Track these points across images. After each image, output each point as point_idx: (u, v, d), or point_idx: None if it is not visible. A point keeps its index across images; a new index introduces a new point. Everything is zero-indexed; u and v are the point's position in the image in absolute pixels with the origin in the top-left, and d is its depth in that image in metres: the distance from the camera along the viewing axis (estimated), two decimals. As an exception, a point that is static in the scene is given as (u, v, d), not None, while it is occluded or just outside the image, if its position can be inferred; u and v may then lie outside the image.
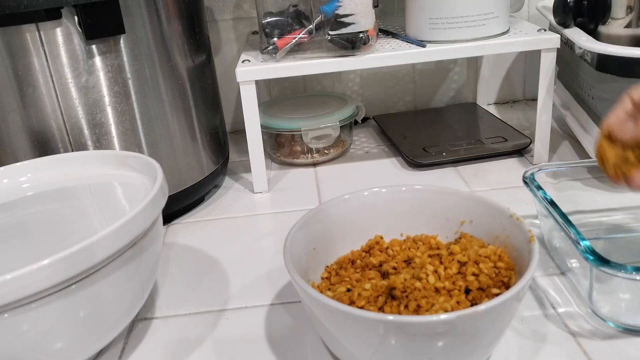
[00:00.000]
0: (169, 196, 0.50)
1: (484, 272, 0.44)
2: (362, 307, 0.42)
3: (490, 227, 0.49)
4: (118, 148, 0.63)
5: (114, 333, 0.46)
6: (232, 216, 0.71)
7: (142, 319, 0.53)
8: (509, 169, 0.77)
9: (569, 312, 0.49)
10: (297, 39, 0.70)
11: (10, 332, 0.38)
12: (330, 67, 0.71)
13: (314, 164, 0.84)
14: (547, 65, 0.72)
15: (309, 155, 0.84)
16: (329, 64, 0.71)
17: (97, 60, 0.60)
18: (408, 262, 0.49)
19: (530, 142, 0.80)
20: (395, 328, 0.37)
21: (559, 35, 0.71)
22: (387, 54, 0.72)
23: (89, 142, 0.62)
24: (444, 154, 0.80)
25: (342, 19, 0.69)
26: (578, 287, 0.50)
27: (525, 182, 0.56)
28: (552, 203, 0.51)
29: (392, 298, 0.43)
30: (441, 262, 0.47)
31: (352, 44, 0.70)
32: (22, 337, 0.39)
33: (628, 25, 0.66)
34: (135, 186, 0.52)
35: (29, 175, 0.57)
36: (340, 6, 0.68)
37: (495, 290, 0.43)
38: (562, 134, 0.86)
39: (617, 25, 0.67)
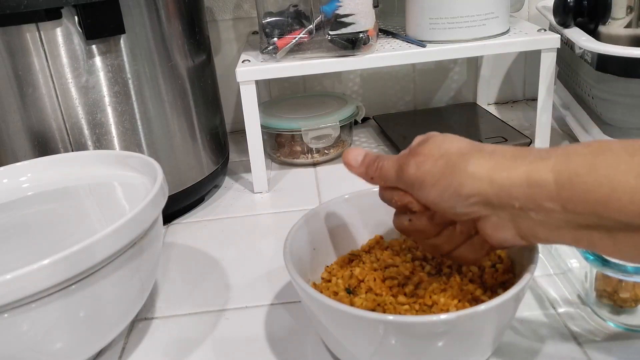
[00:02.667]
0: (169, 196, 0.50)
1: (485, 272, 0.44)
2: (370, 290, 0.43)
3: None
4: (118, 148, 0.63)
5: (114, 333, 0.46)
6: (232, 216, 0.71)
7: (142, 319, 0.53)
8: (509, 169, 0.76)
9: (569, 312, 0.49)
10: (297, 39, 0.70)
11: (10, 332, 0.38)
12: (330, 67, 0.71)
13: (314, 164, 0.84)
14: (547, 65, 0.72)
15: (309, 155, 0.84)
16: (329, 64, 0.71)
17: (97, 60, 0.60)
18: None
19: (531, 142, 0.80)
20: (395, 328, 0.37)
21: (559, 35, 0.71)
22: (387, 54, 0.72)
23: (89, 142, 0.62)
24: (444, 154, 0.80)
25: (342, 19, 0.69)
26: (578, 287, 0.50)
27: None
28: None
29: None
30: (441, 263, 0.47)
31: (352, 44, 0.70)
32: (22, 337, 0.39)
33: (628, 26, 0.66)
34: (135, 186, 0.52)
35: (29, 175, 0.57)
36: (341, 6, 0.68)
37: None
38: (562, 134, 0.86)
39: (617, 25, 0.67)
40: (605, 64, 0.65)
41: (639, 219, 0.31)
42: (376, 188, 0.53)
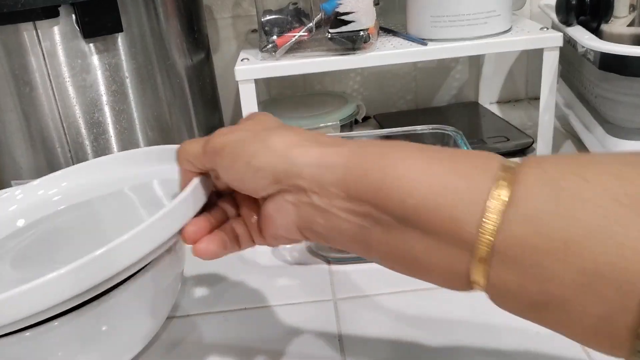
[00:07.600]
0: (167, 196, 0.49)
1: None
2: None
3: None
4: (116, 147, 0.63)
5: (150, 336, 0.45)
6: (232, 216, 0.71)
7: (139, 320, 0.53)
8: (511, 169, 0.76)
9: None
10: (296, 37, 0.70)
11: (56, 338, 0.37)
12: (330, 65, 0.71)
13: (314, 164, 0.83)
14: (550, 64, 0.72)
15: (309, 154, 0.83)
16: (329, 62, 0.71)
17: (95, 59, 0.59)
18: None
19: (533, 142, 0.80)
20: None
21: (562, 34, 0.71)
22: (387, 53, 0.71)
23: (87, 142, 0.61)
24: (445, 153, 0.79)
25: (343, 17, 0.68)
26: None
27: None
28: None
29: None
30: None
31: (353, 42, 0.70)
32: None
33: (631, 24, 0.66)
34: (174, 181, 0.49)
35: (64, 184, 0.52)
36: (341, 4, 0.68)
37: None
38: (565, 133, 0.85)
39: (619, 23, 0.66)
40: (608, 62, 0.64)
41: (412, 212, 0.29)
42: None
